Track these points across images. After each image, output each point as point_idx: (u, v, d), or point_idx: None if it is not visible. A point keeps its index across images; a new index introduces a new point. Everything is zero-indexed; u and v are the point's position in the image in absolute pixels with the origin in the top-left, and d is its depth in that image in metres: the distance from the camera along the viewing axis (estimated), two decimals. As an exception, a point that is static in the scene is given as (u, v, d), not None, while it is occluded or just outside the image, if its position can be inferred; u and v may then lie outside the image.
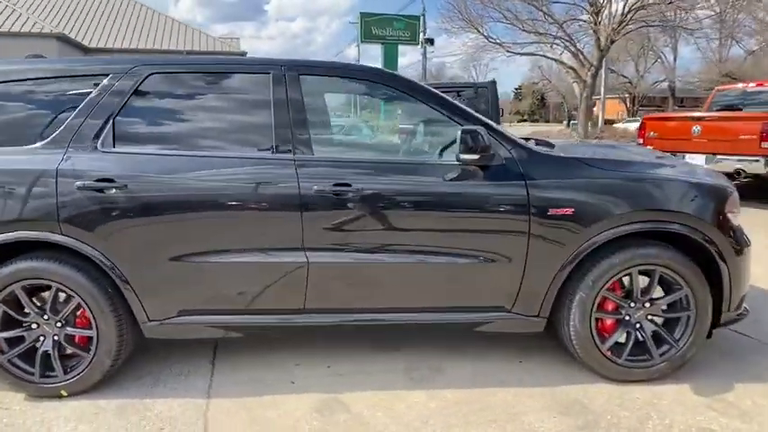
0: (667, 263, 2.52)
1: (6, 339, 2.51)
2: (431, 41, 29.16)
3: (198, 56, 3.32)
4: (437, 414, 2.42)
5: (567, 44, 15.12)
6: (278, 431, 2.31)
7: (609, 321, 2.64)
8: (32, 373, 2.52)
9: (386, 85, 2.60)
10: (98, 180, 2.39)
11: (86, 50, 20.69)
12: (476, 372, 2.79)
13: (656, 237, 2.58)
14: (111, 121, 2.49)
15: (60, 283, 2.44)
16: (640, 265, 2.53)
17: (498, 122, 7.67)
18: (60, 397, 2.54)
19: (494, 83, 8.16)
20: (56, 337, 2.53)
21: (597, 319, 2.59)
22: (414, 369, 2.83)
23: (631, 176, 2.55)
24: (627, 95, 41.83)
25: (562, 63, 16.71)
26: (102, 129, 2.48)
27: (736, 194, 2.68)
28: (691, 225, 2.52)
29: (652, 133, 7.86)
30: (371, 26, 24.43)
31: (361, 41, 28.11)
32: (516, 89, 70.98)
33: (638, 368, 2.61)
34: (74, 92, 2.52)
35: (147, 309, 2.53)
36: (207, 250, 2.47)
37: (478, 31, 16.41)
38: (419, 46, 29.54)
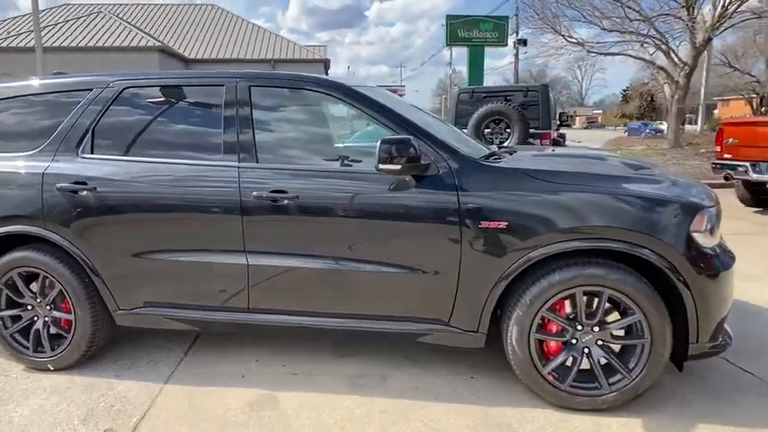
0: (615, 285, 2.31)
1: (9, 317, 2.94)
2: (523, 42, 28.22)
3: (169, 71, 3.48)
4: (357, 420, 2.44)
5: (659, 42, 13.80)
6: (205, 419, 2.47)
7: (553, 343, 2.48)
8: (27, 348, 2.93)
9: (328, 94, 2.66)
10: (74, 183, 2.72)
11: (187, 62, 22.75)
12: (420, 383, 2.75)
13: (614, 256, 2.38)
14: (90, 131, 2.82)
15: (46, 272, 2.81)
16: (585, 285, 2.35)
17: (550, 126, 7.34)
18: (48, 370, 2.93)
19: (546, 86, 7.80)
20: (45, 319, 2.91)
21: (539, 340, 2.44)
22: (362, 376, 2.85)
23: (576, 190, 2.37)
24: (754, 96, 37.25)
25: (651, 63, 15.32)
26: (83, 137, 2.82)
27: (709, 212, 2.38)
28: (641, 244, 2.29)
29: (731, 140, 7.01)
30: (457, 29, 24.20)
31: (446, 45, 28.01)
32: (624, 90, 66.38)
33: (584, 396, 2.42)
34: (65, 104, 2.89)
35: (116, 299, 2.82)
36: (162, 249, 2.71)
37: (556, 31, 15.58)
38: (512, 47, 28.83)
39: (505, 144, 7.43)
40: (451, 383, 2.74)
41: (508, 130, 7.33)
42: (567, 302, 2.42)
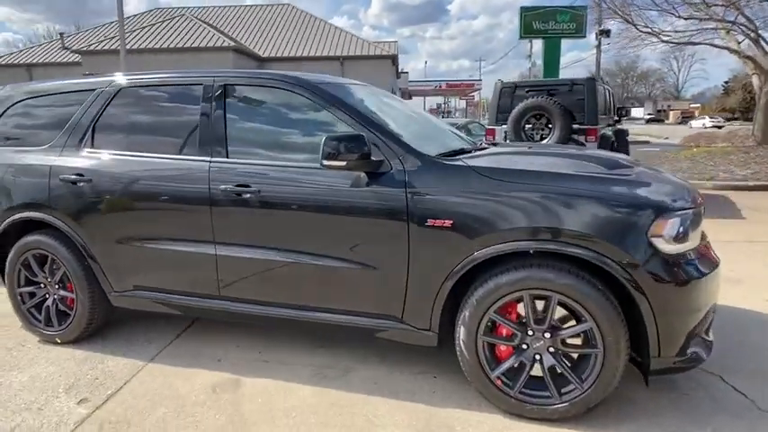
0: (564, 290, 2.19)
1: (27, 294, 3.30)
2: (606, 33, 26.68)
3: (161, 71, 3.36)
4: (305, 409, 2.50)
5: (747, 30, 12.40)
6: (168, 396, 2.64)
7: (503, 347, 2.39)
8: (40, 322, 3.27)
9: (292, 90, 2.72)
10: (74, 174, 3.00)
11: (260, 61, 23.74)
12: (380, 379, 2.76)
13: (573, 261, 2.25)
14: (91, 127, 3.09)
15: (53, 255, 3.13)
16: (533, 289, 2.24)
17: (596, 122, 6.96)
18: (56, 343, 3.26)
19: (592, 79, 7.35)
20: (54, 297, 3.24)
21: (488, 343, 2.37)
22: (328, 367, 2.91)
23: (524, 189, 2.26)
24: None
25: (735, 52, 13.79)
26: (85, 134, 3.10)
27: (677, 217, 2.18)
28: (591, 248, 2.15)
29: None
30: (532, 21, 23.31)
31: (521, 37, 27.09)
32: (725, 83, 60.80)
33: (534, 404, 2.32)
34: (75, 104, 3.18)
35: (110, 281, 3.08)
36: (145, 237, 2.92)
37: (627, 21, 14.51)
38: (594, 38, 27.29)
39: (546, 141, 7.12)
40: (412, 382, 2.73)
41: (550, 126, 7.02)
42: (520, 306, 2.32)
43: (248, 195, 2.64)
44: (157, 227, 2.90)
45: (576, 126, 7.10)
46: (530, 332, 2.32)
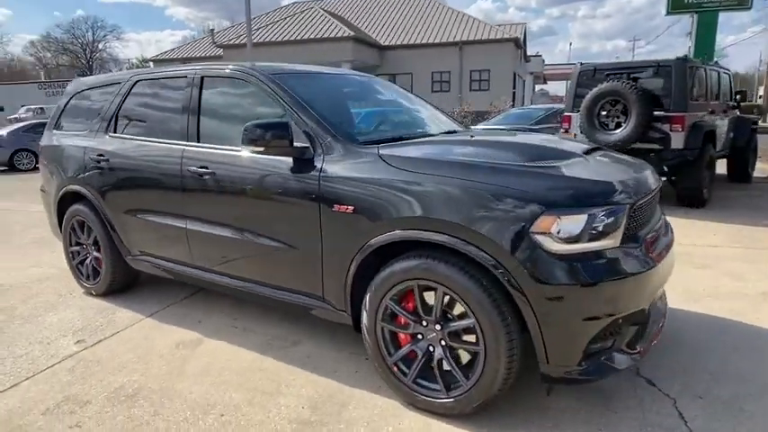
0: (446, 282, 2.13)
1: (75, 252, 4.03)
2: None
3: (167, 67, 3.61)
4: (233, 370, 2.76)
5: None
6: (140, 346, 3.09)
7: (402, 335, 2.40)
8: (83, 276, 3.98)
9: (249, 82, 2.91)
10: (98, 155, 3.59)
11: (380, 49, 24.37)
12: (317, 354, 2.92)
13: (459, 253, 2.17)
14: (115, 115, 3.65)
15: (88, 221, 3.78)
16: (420, 279, 2.22)
17: (684, 109, 6.18)
18: (92, 294, 3.94)
19: (683, 60, 6.41)
20: (87, 255, 3.91)
21: (389, 330, 2.40)
22: (281, 338, 3.14)
23: (419, 179, 2.22)
24: None
25: None
26: (110, 121, 3.67)
27: (574, 214, 1.99)
28: (470, 241, 2.06)
29: None
30: (684, -8, 20.72)
31: (668, 13, 24.16)
32: None
33: (424, 396, 2.30)
34: (110, 94, 3.78)
35: (125, 246, 3.64)
36: (142, 209, 3.40)
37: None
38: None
39: (620, 130, 6.45)
40: (341, 360, 2.84)
41: (627, 113, 6.32)
42: (426, 295, 2.30)
43: (206, 177, 2.95)
44: (149, 202, 3.35)
45: (659, 113, 6.33)
46: (424, 323, 2.30)
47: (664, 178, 7.22)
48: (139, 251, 3.58)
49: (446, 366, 2.25)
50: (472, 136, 2.95)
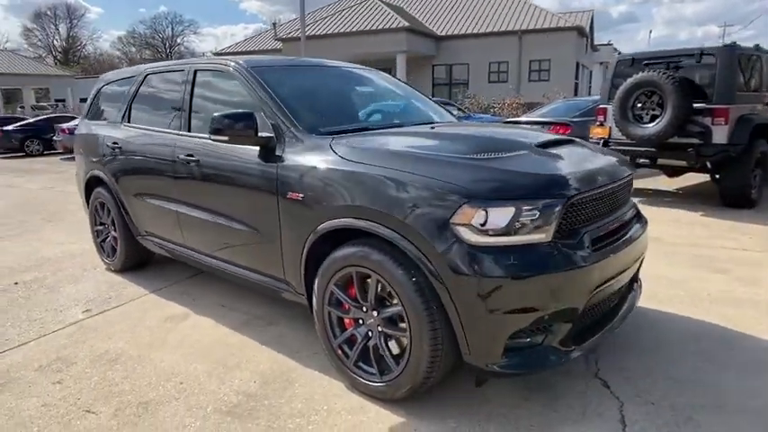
0: (378, 269, 2.19)
1: (98, 231, 4.42)
2: None
3: (172, 61, 3.77)
4: (206, 344, 2.96)
5: None
6: (134, 318, 3.38)
7: (347, 319, 2.48)
8: (105, 253, 4.37)
9: (231, 74, 3.08)
10: (113, 143, 3.92)
11: (437, 39, 24.08)
12: (289, 335, 3.07)
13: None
14: (129, 106, 3.96)
15: (107, 202, 4.14)
16: (356, 266, 2.29)
17: (730, 100, 5.78)
18: (111, 270, 4.32)
19: (731, 48, 5.92)
20: (108, 234, 4.28)
21: (336, 314, 2.49)
22: (260, 317, 3.33)
23: (359, 169, 2.28)
24: None
25: None
26: (126, 112, 3.99)
27: (493, 207, 1.98)
28: (396, 230, 2.11)
29: None
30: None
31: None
32: None
33: (362, 379, 2.38)
34: (126, 87, 4.10)
35: (136, 226, 3.96)
36: (146, 193, 3.69)
37: None
38: None
39: (655, 123, 6.10)
40: (309, 343, 2.95)
41: (663, 105, 5.95)
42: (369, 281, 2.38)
43: (192, 163, 3.16)
44: (150, 186, 3.63)
45: (699, 106, 5.93)
46: (364, 309, 2.38)
47: (707, 176, 6.77)
48: (145, 231, 3.88)
49: (381, 352, 2.32)
50: (433, 128, 2.95)
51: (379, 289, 2.27)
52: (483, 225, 1.98)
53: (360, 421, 2.24)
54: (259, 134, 2.68)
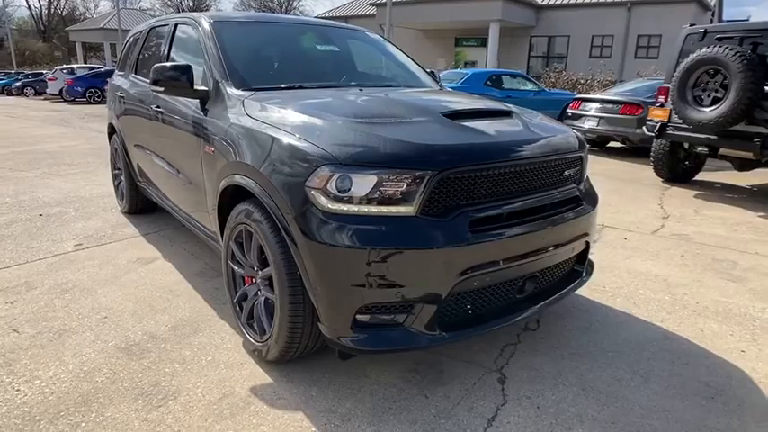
0: (257, 228, 2.17)
1: (115, 175, 4.81)
2: None
3: (169, 15, 3.78)
4: (149, 287, 3.14)
5: None
6: (120, 257, 3.65)
7: (246, 276, 2.49)
8: (118, 196, 4.76)
9: (195, 28, 3.13)
10: (120, 93, 4.21)
11: (537, 8, 22.59)
12: (222, 287, 3.14)
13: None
14: (137, 59, 4.21)
15: (119, 149, 4.48)
16: (245, 223, 2.28)
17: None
18: (123, 212, 4.70)
19: None
20: (121, 179, 4.64)
21: (233, 269, 2.52)
22: (213, 269, 3.46)
23: (255, 126, 2.25)
24: None
25: None
26: (134, 64, 4.24)
27: (355, 174, 1.85)
28: (263, 187, 2.08)
29: None
30: None
31: None
32: None
33: (248, 336, 2.40)
34: (138, 41, 4.35)
35: (136, 172, 4.26)
36: (137, 142, 3.93)
37: None
38: None
39: (714, 107, 5.29)
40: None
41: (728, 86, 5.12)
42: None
43: (159, 115, 3.31)
44: (139, 134, 3.86)
45: (771, 88, 5.05)
46: (254, 268, 2.38)
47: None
48: (140, 178, 4.16)
49: (259, 312, 2.32)
50: (361, 90, 2.81)
51: (259, 249, 2.26)
52: (341, 192, 1.88)
53: (230, 376, 2.27)
54: (195, 87, 2.73)
